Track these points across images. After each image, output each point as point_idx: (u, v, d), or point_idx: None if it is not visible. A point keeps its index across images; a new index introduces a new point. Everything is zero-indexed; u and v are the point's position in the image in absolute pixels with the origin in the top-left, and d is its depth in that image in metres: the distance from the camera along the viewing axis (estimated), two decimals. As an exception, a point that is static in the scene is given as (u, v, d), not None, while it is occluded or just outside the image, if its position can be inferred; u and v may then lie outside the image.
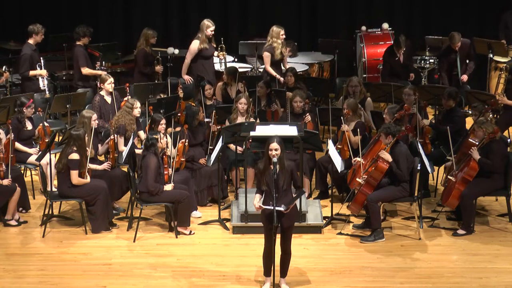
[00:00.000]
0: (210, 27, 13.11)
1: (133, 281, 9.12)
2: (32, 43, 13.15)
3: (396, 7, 16.26)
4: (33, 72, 13.05)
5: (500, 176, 10.16)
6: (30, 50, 13.09)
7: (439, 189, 11.29)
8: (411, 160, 10.00)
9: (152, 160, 10.01)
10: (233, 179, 11.38)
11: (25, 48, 13.15)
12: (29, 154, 11.20)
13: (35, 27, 13.18)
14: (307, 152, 11.06)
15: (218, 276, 9.21)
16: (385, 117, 10.94)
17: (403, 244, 9.98)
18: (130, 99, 11.44)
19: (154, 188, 10.01)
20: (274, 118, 12.06)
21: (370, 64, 14.71)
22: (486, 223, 10.52)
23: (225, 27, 15.82)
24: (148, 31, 13.66)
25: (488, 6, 15.91)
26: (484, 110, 10.92)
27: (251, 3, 16.38)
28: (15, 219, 10.48)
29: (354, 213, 10.43)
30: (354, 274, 9.24)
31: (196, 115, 11.12)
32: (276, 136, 8.63)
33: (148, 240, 10.11)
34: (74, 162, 10.03)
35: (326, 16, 16.23)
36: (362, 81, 12.92)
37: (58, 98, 12.48)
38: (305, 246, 9.91)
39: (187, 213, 10.24)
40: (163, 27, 15.83)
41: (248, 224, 10.17)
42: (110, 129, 10.96)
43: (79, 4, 16.34)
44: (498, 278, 9.13)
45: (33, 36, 13.14)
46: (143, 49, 13.62)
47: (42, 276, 9.23)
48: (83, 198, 10.18)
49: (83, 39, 13.57)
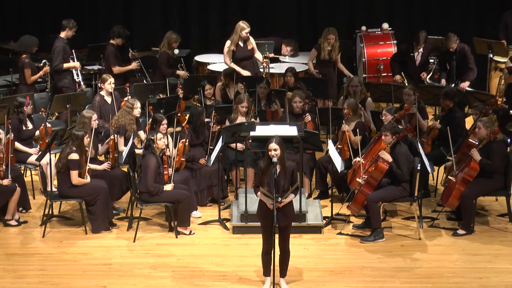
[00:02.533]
0: (245, 29, 13.14)
1: (133, 281, 9.12)
2: (63, 37, 13.33)
3: (396, 7, 16.26)
4: (67, 65, 13.27)
5: (500, 176, 10.16)
6: (62, 43, 13.29)
7: (439, 189, 11.29)
8: (411, 160, 10.00)
9: (151, 160, 10.01)
10: (233, 179, 11.38)
11: (57, 41, 13.33)
12: (29, 154, 11.20)
13: (69, 22, 13.38)
14: (307, 152, 11.06)
15: (218, 276, 9.21)
16: (384, 119, 10.93)
17: (403, 244, 9.98)
18: (130, 99, 11.45)
19: (153, 189, 10.01)
20: (274, 118, 12.05)
21: (370, 64, 14.70)
22: (486, 223, 10.52)
23: (225, 27, 15.81)
24: (172, 35, 13.66)
25: (488, 6, 15.91)
26: (484, 110, 10.92)
27: (251, 3, 16.39)
28: (15, 219, 10.48)
29: (354, 213, 10.43)
30: (354, 274, 9.24)
31: (201, 115, 11.14)
32: (276, 136, 8.62)
33: (148, 240, 10.11)
34: (74, 162, 10.03)
35: (326, 16, 16.23)
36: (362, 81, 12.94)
37: (58, 98, 12.48)
38: (305, 246, 9.91)
39: (187, 213, 10.24)
40: (163, 27, 15.81)
41: (248, 224, 10.17)
42: (110, 129, 10.96)
43: (79, 4, 16.34)
44: (498, 278, 9.13)
45: (65, 30, 13.34)
46: (165, 52, 13.62)
47: (42, 276, 9.23)
48: (83, 198, 10.18)
49: (117, 39, 13.67)
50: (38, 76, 13.05)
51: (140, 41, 15.54)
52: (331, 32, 13.56)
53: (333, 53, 13.62)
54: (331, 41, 13.53)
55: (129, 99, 11.53)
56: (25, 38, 13.16)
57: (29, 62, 12.96)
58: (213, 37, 16.18)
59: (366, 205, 10.04)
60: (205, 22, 16.35)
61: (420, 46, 13.95)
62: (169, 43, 13.65)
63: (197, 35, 16.42)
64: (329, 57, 13.61)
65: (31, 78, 12.98)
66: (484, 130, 10.12)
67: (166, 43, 13.66)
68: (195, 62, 14.85)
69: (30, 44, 13.08)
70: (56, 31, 13.70)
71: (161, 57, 13.73)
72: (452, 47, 13.33)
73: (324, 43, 13.58)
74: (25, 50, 13.03)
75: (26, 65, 12.93)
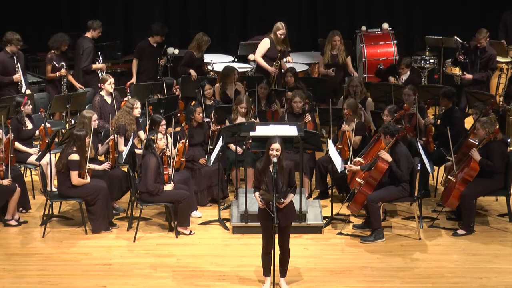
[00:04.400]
0: (280, 30, 13.16)
1: (133, 281, 9.12)
2: (89, 37, 13.39)
3: (396, 7, 16.26)
4: (95, 66, 13.36)
5: (500, 176, 10.16)
6: (91, 43, 13.34)
7: (439, 189, 11.29)
8: (411, 160, 10.00)
9: (151, 160, 10.01)
10: (233, 179, 11.38)
11: (86, 42, 13.38)
12: (29, 154, 11.20)
13: (94, 22, 13.43)
14: (307, 152, 11.06)
15: (218, 276, 9.21)
16: (385, 118, 10.93)
17: (403, 244, 9.98)
18: (130, 99, 11.44)
19: (153, 188, 10.01)
20: (274, 118, 12.06)
21: (370, 64, 14.70)
22: (486, 223, 10.52)
23: (225, 27, 15.81)
24: (203, 37, 13.55)
25: (488, 6, 15.91)
26: (484, 110, 10.93)
27: (251, 3, 16.38)
28: (15, 219, 10.48)
29: (354, 213, 10.43)
30: (354, 274, 9.24)
31: (191, 114, 11.12)
32: (277, 136, 8.63)
33: (148, 240, 10.11)
34: (74, 163, 10.02)
35: (326, 16, 16.24)
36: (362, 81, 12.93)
37: (58, 98, 12.48)
38: (305, 246, 9.91)
39: (187, 213, 10.24)
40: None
41: (248, 224, 10.17)
42: (110, 129, 10.96)
43: (79, 4, 16.34)
44: (498, 278, 9.13)
45: (90, 31, 13.40)
46: (191, 52, 13.55)
47: (42, 276, 9.23)
48: (83, 198, 10.18)
49: (155, 36, 13.69)
50: (54, 75, 13.05)
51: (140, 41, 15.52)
52: (336, 34, 13.55)
53: (340, 57, 13.59)
54: (337, 43, 13.52)
55: (129, 99, 11.53)
56: (57, 35, 13.19)
57: (50, 58, 13.01)
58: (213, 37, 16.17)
59: (366, 205, 10.04)
60: (205, 22, 16.34)
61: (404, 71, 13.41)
62: (199, 45, 13.53)
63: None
64: (334, 61, 13.57)
65: (49, 74, 13.07)
66: (482, 131, 10.12)
67: (196, 44, 13.53)
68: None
69: (60, 42, 13.09)
70: (56, 31, 13.70)
71: (185, 55, 13.65)
72: (481, 43, 13.09)
73: (328, 46, 13.56)
74: (53, 46, 13.06)
75: (48, 61, 13.03)
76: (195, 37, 13.65)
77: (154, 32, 13.76)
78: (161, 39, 13.85)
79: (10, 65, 12.68)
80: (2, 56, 12.72)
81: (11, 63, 12.68)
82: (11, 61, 12.68)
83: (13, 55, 12.69)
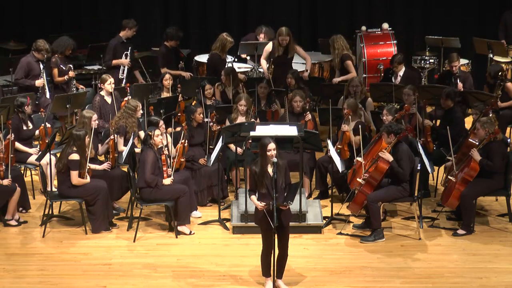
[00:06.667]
0: (280, 35, 13.03)
1: (133, 281, 9.12)
2: (121, 36, 13.46)
3: (396, 7, 16.26)
4: (116, 61, 13.40)
5: (500, 176, 10.16)
6: (116, 41, 13.46)
7: (439, 189, 11.29)
8: (412, 159, 10.00)
9: (148, 154, 10.02)
10: (233, 179, 11.38)
11: (113, 39, 13.50)
12: (29, 154, 11.20)
13: (129, 22, 13.49)
14: (307, 152, 11.06)
15: (218, 276, 9.21)
16: (384, 118, 10.93)
17: (403, 244, 9.98)
18: (132, 101, 11.34)
19: (151, 180, 9.99)
20: (274, 118, 12.06)
21: (370, 64, 14.70)
22: (486, 223, 10.52)
23: (225, 27, 15.80)
24: (227, 38, 13.50)
25: (488, 6, 15.91)
26: (484, 110, 10.93)
27: (251, 3, 16.38)
28: (15, 219, 10.48)
29: (354, 213, 10.44)
30: (354, 274, 9.24)
31: (191, 114, 11.13)
32: (268, 136, 8.72)
33: (148, 240, 10.11)
34: (74, 163, 10.03)
35: (326, 16, 16.24)
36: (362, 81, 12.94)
37: (58, 98, 12.47)
38: (305, 246, 9.91)
39: (187, 210, 10.24)
40: (163, 27, 15.80)
41: (248, 224, 10.17)
42: (110, 129, 10.95)
43: (79, 4, 16.34)
44: (498, 278, 9.13)
45: (125, 30, 13.49)
46: (217, 54, 13.50)
47: (42, 276, 9.23)
48: (83, 198, 10.19)
49: (170, 41, 13.75)
50: (62, 79, 12.98)
51: (140, 41, 15.53)
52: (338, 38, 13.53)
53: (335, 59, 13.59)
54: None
55: (130, 101, 11.41)
56: (62, 38, 13.15)
57: (55, 62, 12.97)
58: (213, 37, 16.16)
59: (366, 205, 10.04)
60: (205, 22, 16.35)
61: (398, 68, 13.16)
62: (223, 46, 13.48)
63: (197, 35, 16.41)
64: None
65: (57, 79, 13.00)
66: (482, 131, 10.12)
67: (220, 45, 13.49)
68: (195, 62, 14.83)
69: (65, 46, 13.05)
70: (56, 31, 13.70)
71: (212, 58, 13.55)
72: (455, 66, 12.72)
73: (331, 49, 13.55)
74: (57, 50, 13.03)
75: (53, 65, 12.99)
76: (218, 38, 13.58)
77: (169, 37, 13.75)
78: (176, 43, 13.86)
79: (36, 70, 12.70)
80: (29, 59, 12.75)
81: (37, 67, 12.70)
82: (37, 66, 12.70)
83: (39, 60, 12.71)
